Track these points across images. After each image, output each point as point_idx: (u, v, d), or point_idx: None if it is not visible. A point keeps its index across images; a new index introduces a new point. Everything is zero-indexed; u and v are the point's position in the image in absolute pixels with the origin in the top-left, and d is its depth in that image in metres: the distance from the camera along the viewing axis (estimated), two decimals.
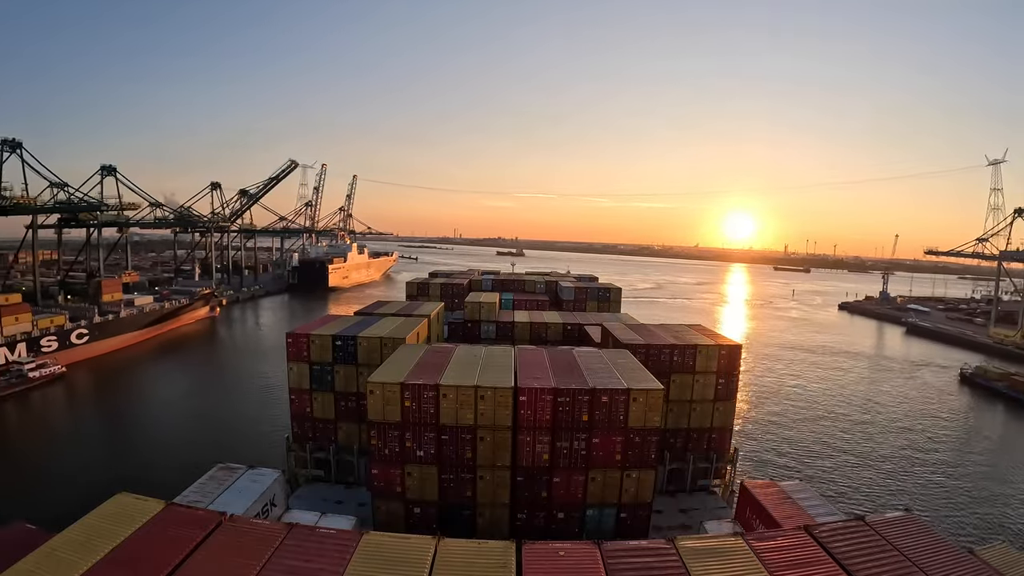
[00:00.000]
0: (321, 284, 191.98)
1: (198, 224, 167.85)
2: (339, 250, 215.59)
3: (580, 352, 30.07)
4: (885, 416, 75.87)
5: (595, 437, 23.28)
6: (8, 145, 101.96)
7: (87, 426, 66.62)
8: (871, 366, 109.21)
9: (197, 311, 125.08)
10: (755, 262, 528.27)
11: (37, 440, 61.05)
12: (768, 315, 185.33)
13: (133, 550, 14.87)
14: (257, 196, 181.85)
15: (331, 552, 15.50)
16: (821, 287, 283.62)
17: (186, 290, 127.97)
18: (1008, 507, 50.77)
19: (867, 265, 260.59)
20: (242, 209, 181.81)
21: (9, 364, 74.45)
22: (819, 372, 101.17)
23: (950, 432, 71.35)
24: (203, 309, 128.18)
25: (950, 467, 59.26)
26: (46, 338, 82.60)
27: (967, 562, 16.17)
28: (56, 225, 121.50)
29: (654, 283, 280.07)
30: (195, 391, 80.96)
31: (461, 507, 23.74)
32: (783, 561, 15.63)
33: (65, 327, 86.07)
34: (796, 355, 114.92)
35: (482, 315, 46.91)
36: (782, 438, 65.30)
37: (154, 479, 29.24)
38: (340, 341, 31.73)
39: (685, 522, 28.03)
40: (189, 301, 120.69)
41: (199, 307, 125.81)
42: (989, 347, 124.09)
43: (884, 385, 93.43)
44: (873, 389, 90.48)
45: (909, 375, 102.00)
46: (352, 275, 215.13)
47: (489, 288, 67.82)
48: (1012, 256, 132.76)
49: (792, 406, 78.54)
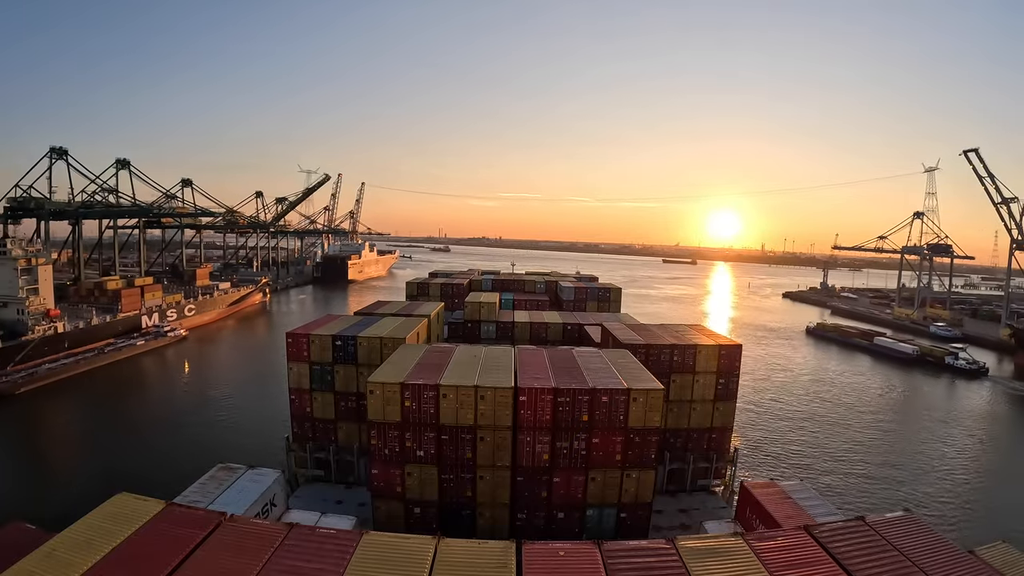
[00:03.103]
0: (341, 277, 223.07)
1: (253, 227, 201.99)
2: (353, 248, 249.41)
3: (580, 352, 30.05)
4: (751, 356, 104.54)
5: (595, 437, 23.28)
6: (55, 152, 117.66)
7: (212, 374, 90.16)
8: (771, 331, 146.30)
9: (255, 296, 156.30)
10: (737, 260, 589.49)
11: (176, 385, 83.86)
12: (720, 300, 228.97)
13: (133, 550, 14.85)
14: (294, 203, 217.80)
15: (331, 552, 15.49)
16: (778, 280, 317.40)
17: (249, 279, 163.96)
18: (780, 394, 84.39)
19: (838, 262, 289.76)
20: (282, 213, 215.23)
21: (151, 327, 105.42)
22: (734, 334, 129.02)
23: (792, 360, 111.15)
24: (258, 295, 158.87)
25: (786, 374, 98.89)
26: (170, 310, 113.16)
27: (967, 562, 16.14)
28: (137, 227, 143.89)
29: (629, 277, 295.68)
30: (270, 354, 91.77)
31: (461, 507, 23.73)
32: (783, 561, 15.61)
33: (180, 303, 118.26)
34: (732, 326, 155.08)
35: (482, 315, 46.87)
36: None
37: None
38: (340, 341, 31.72)
39: (685, 522, 28.03)
40: (253, 288, 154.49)
41: (256, 294, 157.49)
42: (891, 322, 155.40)
43: (767, 342, 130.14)
44: (758, 342, 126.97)
45: (786, 335, 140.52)
46: (365, 270, 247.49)
47: (489, 288, 67.73)
48: (910, 250, 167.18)
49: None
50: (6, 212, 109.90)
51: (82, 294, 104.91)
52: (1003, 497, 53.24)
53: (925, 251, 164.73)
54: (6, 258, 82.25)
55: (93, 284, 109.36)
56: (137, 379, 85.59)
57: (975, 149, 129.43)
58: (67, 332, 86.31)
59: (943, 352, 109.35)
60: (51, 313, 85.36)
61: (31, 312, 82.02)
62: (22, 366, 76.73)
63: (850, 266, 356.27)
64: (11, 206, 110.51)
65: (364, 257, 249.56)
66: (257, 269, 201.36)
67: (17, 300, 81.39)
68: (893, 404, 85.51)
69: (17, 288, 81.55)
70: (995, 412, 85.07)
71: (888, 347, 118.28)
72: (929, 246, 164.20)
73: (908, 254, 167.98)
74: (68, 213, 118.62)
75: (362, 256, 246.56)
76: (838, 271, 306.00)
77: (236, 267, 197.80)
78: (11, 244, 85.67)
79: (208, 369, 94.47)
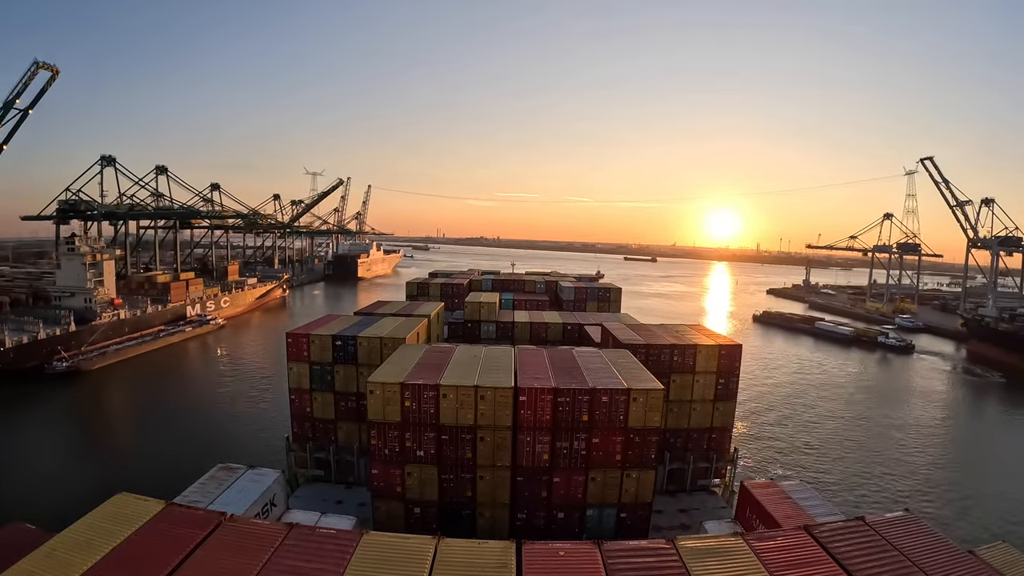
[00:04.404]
0: (351, 275, 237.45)
1: (276, 227, 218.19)
2: (362, 248, 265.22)
3: (580, 352, 30.03)
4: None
5: (595, 437, 23.27)
6: (104, 160, 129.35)
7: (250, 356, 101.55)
8: (738, 323, 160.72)
9: (276, 291, 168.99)
10: (733, 260, 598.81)
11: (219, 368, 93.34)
12: (709, 295, 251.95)
13: (133, 550, 14.85)
14: (310, 205, 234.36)
15: (331, 552, 15.48)
16: (770, 279, 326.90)
17: (272, 275, 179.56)
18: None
19: (832, 262, 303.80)
20: (299, 215, 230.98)
21: (195, 316, 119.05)
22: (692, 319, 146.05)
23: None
24: (279, 290, 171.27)
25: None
26: (209, 301, 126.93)
27: (967, 562, 16.15)
28: (171, 227, 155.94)
29: (621, 275, 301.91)
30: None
31: (461, 507, 23.73)
32: (783, 561, 15.61)
33: (217, 295, 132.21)
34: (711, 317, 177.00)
35: (482, 315, 46.84)
36: None
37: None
38: (340, 341, 31.70)
39: (685, 522, 28.01)
40: (276, 284, 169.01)
41: (277, 289, 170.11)
42: (863, 315, 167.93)
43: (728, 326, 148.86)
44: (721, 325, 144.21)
45: (744, 322, 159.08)
46: (373, 268, 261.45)
47: (489, 288, 67.70)
48: (880, 249, 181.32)
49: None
50: (58, 213, 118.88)
51: (132, 287, 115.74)
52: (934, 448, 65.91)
53: (894, 250, 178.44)
54: (75, 254, 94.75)
55: (144, 278, 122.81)
56: (186, 360, 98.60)
57: (930, 157, 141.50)
58: (127, 319, 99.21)
59: (876, 332, 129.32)
60: (115, 302, 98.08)
61: (98, 301, 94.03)
62: (94, 347, 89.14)
63: (842, 265, 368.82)
64: (62, 208, 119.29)
65: (372, 256, 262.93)
66: (276, 266, 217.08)
67: (85, 291, 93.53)
68: (835, 375, 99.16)
69: (85, 280, 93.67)
70: (922, 381, 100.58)
71: (829, 330, 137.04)
72: (899, 245, 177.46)
73: (878, 252, 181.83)
74: (118, 215, 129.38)
75: (370, 255, 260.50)
76: (831, 270, 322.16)
77: (254, 265, 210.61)
78: (79, 242, 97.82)
79: (244, 354, 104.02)
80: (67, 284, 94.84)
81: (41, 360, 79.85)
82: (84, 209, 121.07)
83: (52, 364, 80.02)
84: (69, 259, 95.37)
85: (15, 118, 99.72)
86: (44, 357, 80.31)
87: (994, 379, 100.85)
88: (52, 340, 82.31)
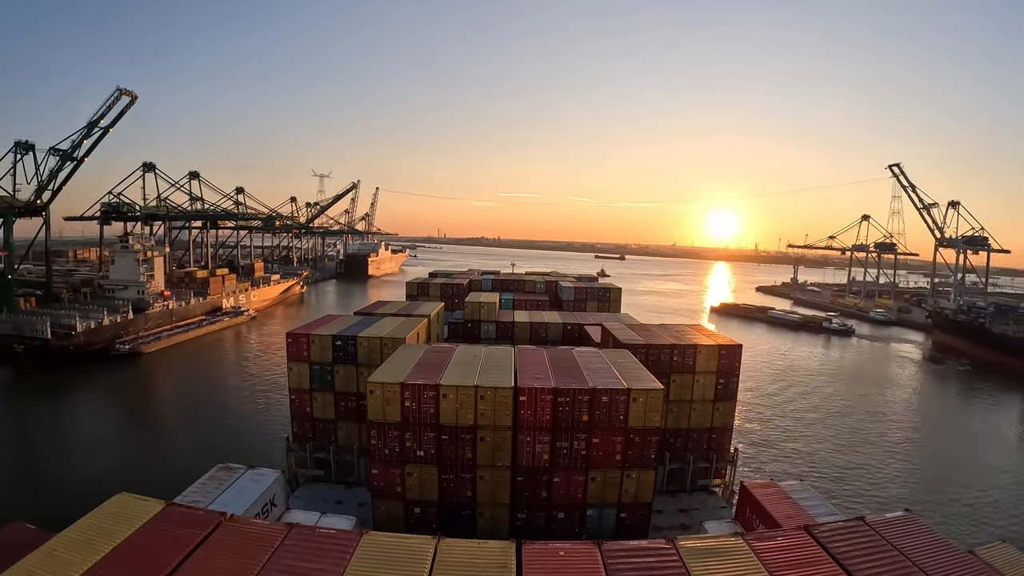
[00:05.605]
0: (362, 273, 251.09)
1: (296, 227, 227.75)
2: (371, 247, 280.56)
3: (580, 352, 30.03)
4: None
5: (595, 437, 23.26)
6: (146, 166, 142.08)
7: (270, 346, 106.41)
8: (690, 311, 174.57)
9: (296, 288, 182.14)
10: (731, 259, 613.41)
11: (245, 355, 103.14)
12: (701, 291, 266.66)
13: (133, 550, 14.84)
14: (325, 207, 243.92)
15: (331, 552, 15.48)
16: (765, 277, 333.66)
17: (293, 272, 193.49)
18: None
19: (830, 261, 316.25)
20: (315, 216, 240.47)
21: (230, 308, 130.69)
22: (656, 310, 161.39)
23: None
24: (297, 287, 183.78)
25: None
26: (241, 295, 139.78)
27: (967, 562, 16.14)
28: (204, 227, 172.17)
29: (618, 274, 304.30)
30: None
31: (461, 507, 23.72)
32: (783, 561, 15.60)
33: (248, 289, 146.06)
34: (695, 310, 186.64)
35: (482, 315, 46.82)
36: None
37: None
38: (340, 341, 31.69)
39: (685, 522, 28.02)
40: (296, 280, 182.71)
41: (296, 285, 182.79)
42: (841, 310, 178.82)
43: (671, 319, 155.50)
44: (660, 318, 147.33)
45: (702, 314, 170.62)
46: (382, 267, 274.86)
47: (489, 288, 67.64)
48: (859, 248, 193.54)
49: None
50: (101, 215, 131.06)
51: (172, 282, 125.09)
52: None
53: (871, 249, 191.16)
54: (129, 251, 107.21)
55: (184, 273, 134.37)
56: (226, 346, 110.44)
57: (898, 164, 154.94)
58: (175, 309, 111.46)
59: (821, 319, 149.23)
60: (164, 294, 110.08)
61: (150, 292, 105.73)
62: (148, 332, 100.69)
63: (837, 265, 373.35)
64: (105, 210, 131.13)
65: (380, 255, 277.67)
66: (294, 264, 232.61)
67: (138, 283, 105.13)
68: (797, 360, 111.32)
69: (138, 274, 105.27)
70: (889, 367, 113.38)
71: (780, 317, 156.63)
72: (876, 244, 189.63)
73: (857, 252, 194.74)
74: (159, 216, 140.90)
75: (379, 254, 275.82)
76: (827, 269, 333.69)
77: (272, 263, 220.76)
78: (132, 240, 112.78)
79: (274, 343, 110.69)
80: (121, 278, 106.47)
81: (105, 343, 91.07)
82: (126, 211, 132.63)
83: (116, 347, 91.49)
84: (123, 255, 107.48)
85: (97, 135, 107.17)
86: (108, 341, 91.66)
87: (961, 367, 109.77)
88: (115, 326, 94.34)
